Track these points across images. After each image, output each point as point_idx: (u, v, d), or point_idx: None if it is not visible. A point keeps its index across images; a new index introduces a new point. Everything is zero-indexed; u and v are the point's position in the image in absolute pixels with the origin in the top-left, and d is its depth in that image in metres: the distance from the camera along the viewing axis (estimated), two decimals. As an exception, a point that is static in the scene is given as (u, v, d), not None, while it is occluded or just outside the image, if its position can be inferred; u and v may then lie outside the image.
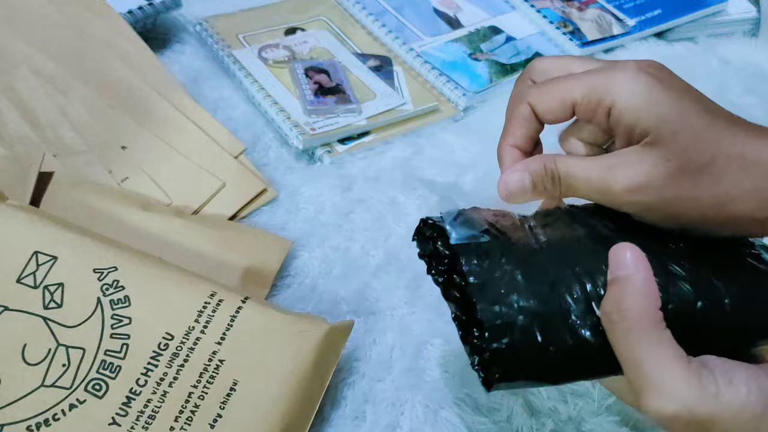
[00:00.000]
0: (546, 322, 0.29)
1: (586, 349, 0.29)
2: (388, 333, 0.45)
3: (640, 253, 0.29)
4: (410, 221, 0.52)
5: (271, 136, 0.58)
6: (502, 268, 0.30)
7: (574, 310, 0.29)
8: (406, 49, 0.67)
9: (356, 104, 0.60)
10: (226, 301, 0.39)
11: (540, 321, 0.29)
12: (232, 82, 0.62)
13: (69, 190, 0.47)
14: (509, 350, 0.29)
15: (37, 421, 0.35)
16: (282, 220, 0.51)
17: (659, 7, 0.77)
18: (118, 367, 0.36)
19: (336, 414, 0.41)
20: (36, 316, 0.37)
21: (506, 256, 0.30)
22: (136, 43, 0.58)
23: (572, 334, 0.29)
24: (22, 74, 0.53)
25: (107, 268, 0.39)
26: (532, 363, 0.29)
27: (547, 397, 0.42)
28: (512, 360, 0.29)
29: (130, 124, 0.53)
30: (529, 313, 0.29)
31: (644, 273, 0.28)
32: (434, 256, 0.33)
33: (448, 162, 0.58)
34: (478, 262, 0.30)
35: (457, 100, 0.63)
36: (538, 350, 0.29)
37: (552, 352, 0.29)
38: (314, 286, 0.47)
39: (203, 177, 0.51)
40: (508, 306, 0.29)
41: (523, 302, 0.29)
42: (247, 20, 0.68)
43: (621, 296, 0.28)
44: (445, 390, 0.42)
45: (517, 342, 0.29)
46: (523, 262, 0.30)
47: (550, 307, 0.29)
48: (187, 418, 0.35)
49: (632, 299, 0.28)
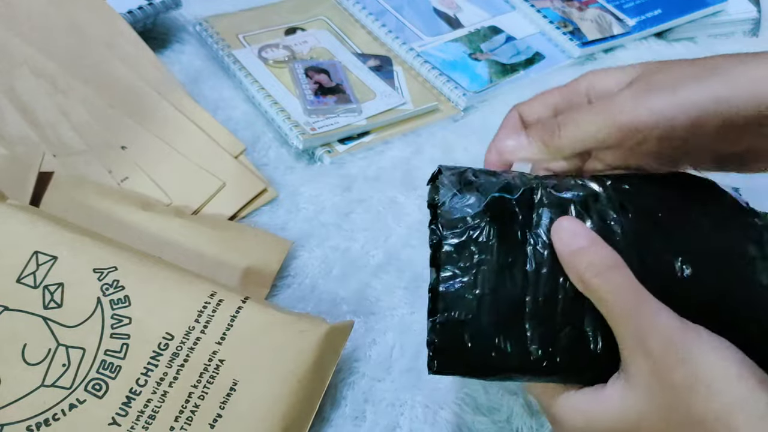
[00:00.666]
0: (497, 322, 0.30)
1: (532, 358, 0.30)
2: (388, 333, 0.45)
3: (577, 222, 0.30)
4: (410, 221, 0.52)
5: (271, 136, 0.58)
6: (474, 259, 0.30)
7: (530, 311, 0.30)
8: (406, 49, 0.67)
9: (356, 104, 0.60)
10: (226, 301, 0.39)
11: (491, 318, 0.30)
12: (232, 82, 0.62)
13: (69, 190, 0.47)
14: (450, 329, 0.30)
15: (37, 421, 0.35)
16: (282, 220, 0.51)
17: (659, 7, 0.77)
18: (118, 367, 0.36)
19: (336, 414, 0.41)
20: (36, 316, 0.37)
21: (485, 252, 0.30)
22: (136, 43, 0.58)
23: (517, 341, 0.30)
24: (22, 74, 0.53)
25: (107, 268, 0.39)
26: (469, 354, 0.30)
27: (547, 397, 0.42)
28: (451, 343, 0.30)
29: (130, 124, 0.53)
30: (484, 305, 0.30)
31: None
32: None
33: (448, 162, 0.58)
34: (455, 248, 0.31)
35: (457, 100, 0.63)
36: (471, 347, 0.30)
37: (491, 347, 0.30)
38: (314, 286, 0.47)
39: (203, 177, 0.51)
40: (466, 287, 0.30)
41: (481, 291, 0.30)
42: (247, 20, 0.68)
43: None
44: (445, 390, 0.42)
45: (459, 323, 0.30)
46: (499, 270, 0.30)
47: (505, 305, 0.30)
48: (187, 418, 0.35)
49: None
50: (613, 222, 0.31)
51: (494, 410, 0.42)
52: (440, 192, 0.32)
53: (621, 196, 0.32)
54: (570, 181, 0.33)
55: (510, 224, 0.31)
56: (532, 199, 0.32)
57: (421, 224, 0.51)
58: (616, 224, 0.31)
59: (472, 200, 0.31)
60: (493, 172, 0.33)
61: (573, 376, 0.31)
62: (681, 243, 0.31)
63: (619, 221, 0.31)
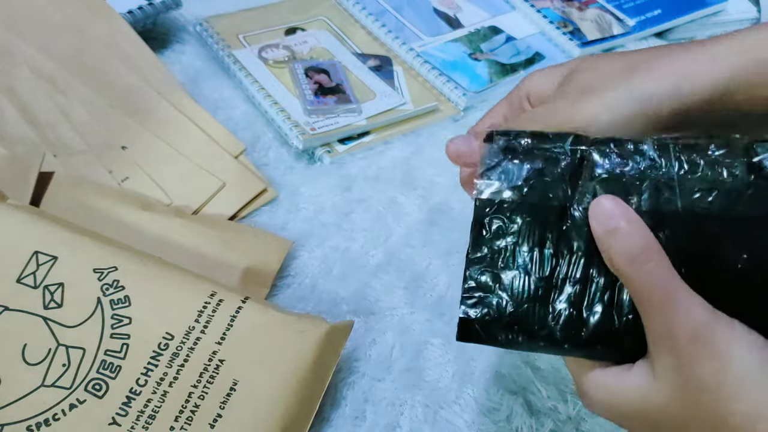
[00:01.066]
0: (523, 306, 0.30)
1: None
2: (387, 333, 0.45)
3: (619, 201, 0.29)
4: (410, 221, 0.52)
5: (271, 136, 0.58)
6: (507, 237, 0.31)
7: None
8: (406, 49, 0.67)
9: (356, 104, 0.60)
10: (226, 301, 0.39)
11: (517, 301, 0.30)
12: (232, 82, 0.62)
13: (69, 190, 0.47)
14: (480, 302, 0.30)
15: (37, 421, 0.35)
16: (282, 220, 0.51)
17: (659, 7, 0.77)
18: (118, 367, 0.36)
19: (336, 414, 0.41)
20: (36, 316, 0.37)
21: (522, 221, 0.31)
22: (136, 43, 0.58)
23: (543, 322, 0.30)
24: (22, 74, 0.53)
25: (107, 268, 0.39)
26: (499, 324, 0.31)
27: (546, 397, 0.42)
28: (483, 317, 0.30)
29: (130, 124, 0.53)
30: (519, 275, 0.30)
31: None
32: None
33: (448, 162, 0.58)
34: (490, 220, 0.31)
35: (457, 100, 0.63)
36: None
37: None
38: (314, 286, 0.47)
39: (203, 177, 0.51)
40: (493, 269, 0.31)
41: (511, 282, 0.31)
42: (247, 20, 0.68)
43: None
44: (445, 390, 0.42)
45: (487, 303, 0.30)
46: (533, 247, 0.31)
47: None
48: (187, 418, 0.35)
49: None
50: (666, 201, 0.30)
51: (494, 410, 0.42)
52: (487, 157, 0.31)
53: (683, 172, 0.30)
54: (629, 146, 0.31)
55: (551, 198, 0.31)
56: (580, 171, 0.31)
57: (421, 224, 0.51)
58: (670, 204, 0.30)
59: (518, 169, 0.31)
60: (545, 136, 0.32)
61: (601, 352, 0.30)
62: (739, 231, 0.29)
63: (673, 201, 0.30)
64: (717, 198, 0.30)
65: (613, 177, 0.30)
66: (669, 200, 0.30)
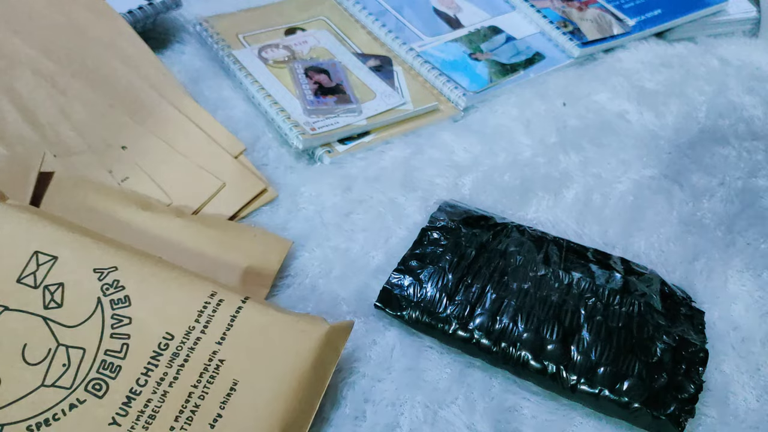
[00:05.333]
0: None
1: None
2: (388, 333, 0.45)
3: None
4: (410, 222, 0.52)
5: (271, 136, 0.58)
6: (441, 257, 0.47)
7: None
8: (406, 49, 0.67)
9: (356, 104, 0.60)
10: (226, 301, 0.39)
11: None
12: (232, 82, 0.62)
13: (69, 190, 0.47)
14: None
15: (37, 421, 0.35)
16: (282, 220, 0.51)
17: (659, 7, 0.77)
18: (118, 366, 0.36)
19: (336, 414, 0.41)
20: (36, 316, 0.37)
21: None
22: (136, 43, 0.58)
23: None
24: (22, 74, 0.53)
25: (107, 268, 0.39)
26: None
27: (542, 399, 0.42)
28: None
29: (130, 124, 0.53)
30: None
31: None
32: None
33: (448, 162, 0.58)
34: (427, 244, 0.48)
35: (457, 100, 0.63)
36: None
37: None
38: (314, 286, 0.47)
39: (203, 177, 0.51)
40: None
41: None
42: (247, 20, 0.68)
43: None
44: (445, 390, 0.42)
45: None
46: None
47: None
48: (187, 418, 0.35)
49: None
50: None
51: (494, 410, 0.42)
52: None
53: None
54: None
55: (476, 235, 0.49)
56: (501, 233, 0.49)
57: (421, 224, 0.51)
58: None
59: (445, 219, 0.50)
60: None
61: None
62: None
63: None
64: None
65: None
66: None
